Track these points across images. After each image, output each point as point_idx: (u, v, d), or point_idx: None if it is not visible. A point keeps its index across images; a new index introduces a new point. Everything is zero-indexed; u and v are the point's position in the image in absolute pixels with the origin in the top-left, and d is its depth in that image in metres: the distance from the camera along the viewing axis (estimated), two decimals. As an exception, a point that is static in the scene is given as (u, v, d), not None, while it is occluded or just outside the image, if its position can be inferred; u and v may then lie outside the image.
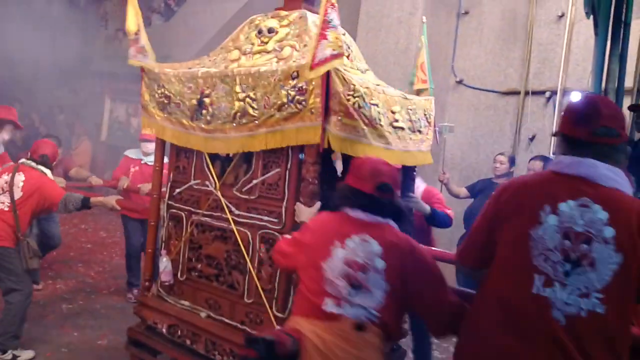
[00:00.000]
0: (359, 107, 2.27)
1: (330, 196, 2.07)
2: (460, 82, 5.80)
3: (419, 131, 2.77)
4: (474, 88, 5.70)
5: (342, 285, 1.80)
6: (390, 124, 2.53)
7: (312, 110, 2.15)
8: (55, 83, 12.14)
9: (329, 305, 1.80)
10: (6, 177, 3.50)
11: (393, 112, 2.56)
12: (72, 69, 12.06)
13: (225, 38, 3.00)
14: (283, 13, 2.69)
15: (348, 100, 2.21)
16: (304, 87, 2.18)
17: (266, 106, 2.31)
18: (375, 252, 1.83)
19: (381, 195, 1.90)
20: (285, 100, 2.24)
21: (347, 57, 2.64)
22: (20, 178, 3.49)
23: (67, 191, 3.61)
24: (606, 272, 1.46)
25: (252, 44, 2.67)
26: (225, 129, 2.49)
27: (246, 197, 2.52)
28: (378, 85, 2.57)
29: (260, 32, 2.66)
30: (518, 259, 1.57)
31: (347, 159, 2.50)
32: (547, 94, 5.13)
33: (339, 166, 3.04)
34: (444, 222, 3.26)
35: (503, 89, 5.46)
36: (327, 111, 2.14)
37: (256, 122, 2.36)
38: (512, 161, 4.45)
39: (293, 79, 2.22)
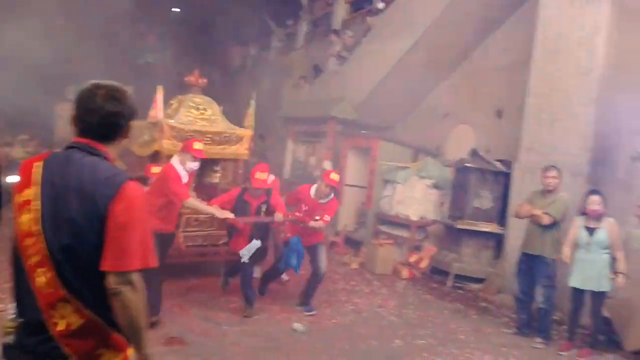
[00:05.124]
0: (177, 133, 5.49)
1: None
2: None
3: (227, 143, 5.90)
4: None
5: None
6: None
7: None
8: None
9: None
10: None
11: (208, 136, 5.72)
12: (264, 115, 12.36)
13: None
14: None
15: (171, 132, 5.48)
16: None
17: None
18: None
19: None
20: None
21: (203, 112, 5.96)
22: None
23: None
24: None
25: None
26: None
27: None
28: (211, 125, 5.87)
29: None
30: None
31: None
32: None
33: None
34: None
35: None
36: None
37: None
38: None
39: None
